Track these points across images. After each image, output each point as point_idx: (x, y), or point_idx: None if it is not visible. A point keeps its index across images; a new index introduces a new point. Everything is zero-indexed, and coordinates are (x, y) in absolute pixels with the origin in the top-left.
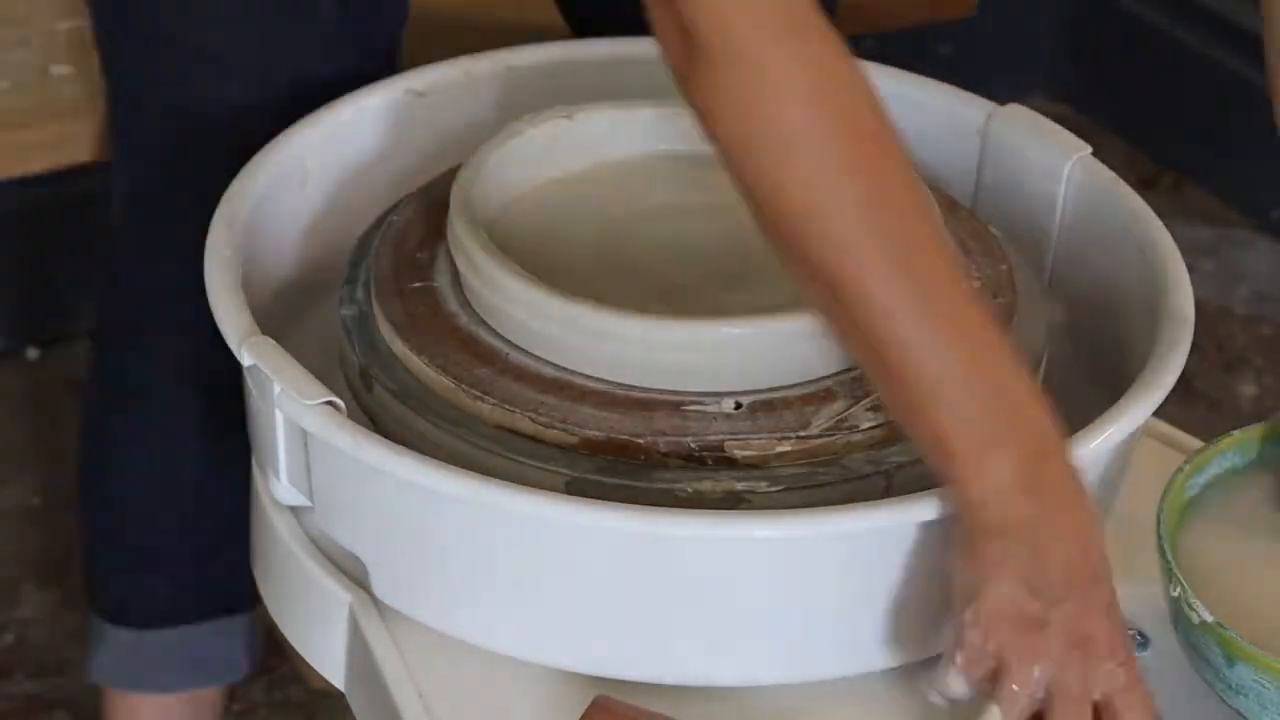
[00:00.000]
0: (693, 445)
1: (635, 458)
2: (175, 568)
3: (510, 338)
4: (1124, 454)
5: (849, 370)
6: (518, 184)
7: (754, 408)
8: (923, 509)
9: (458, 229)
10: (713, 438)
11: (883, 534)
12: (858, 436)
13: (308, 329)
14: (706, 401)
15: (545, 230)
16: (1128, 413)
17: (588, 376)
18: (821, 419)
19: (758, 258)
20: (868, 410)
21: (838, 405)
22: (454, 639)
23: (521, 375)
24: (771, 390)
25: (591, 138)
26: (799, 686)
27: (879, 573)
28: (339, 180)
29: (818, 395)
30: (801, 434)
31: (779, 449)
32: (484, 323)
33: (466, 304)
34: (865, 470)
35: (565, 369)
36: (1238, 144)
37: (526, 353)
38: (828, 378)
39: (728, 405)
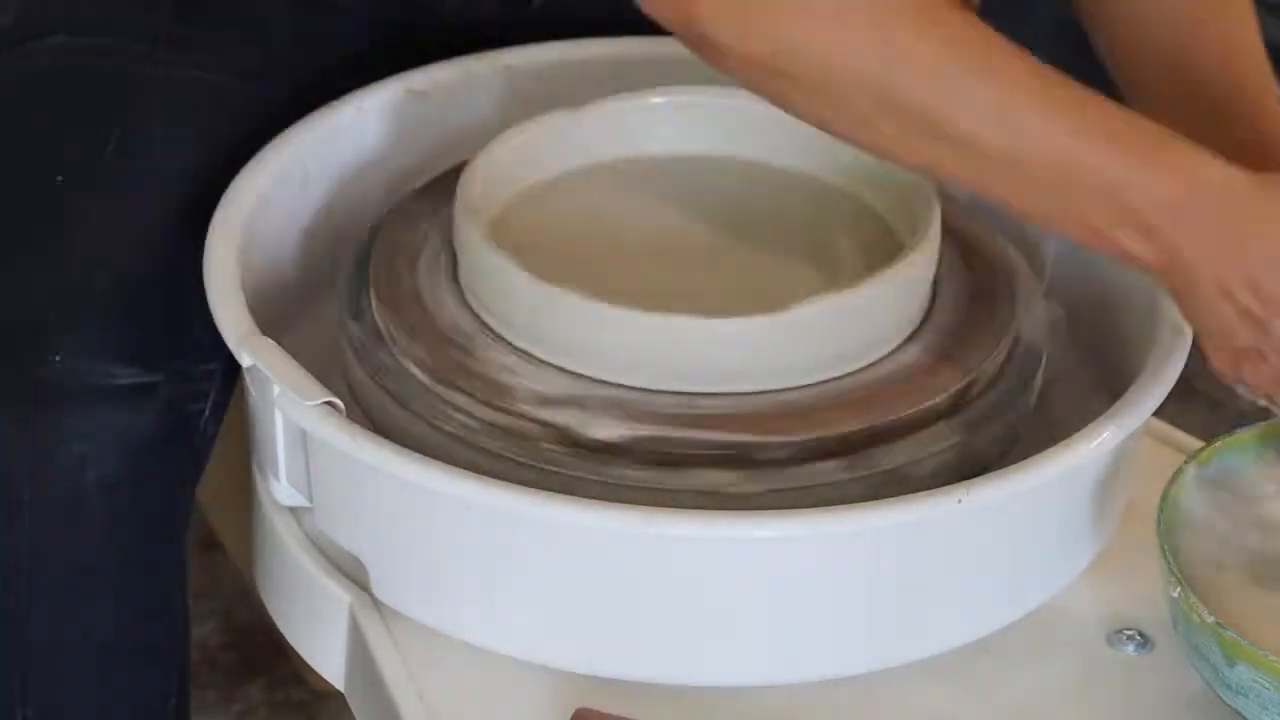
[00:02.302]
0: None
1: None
2: None
3: (512, 339)
4: (1124, 454)
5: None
6: (521, 181)
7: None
8: (922, 509)
9: (461, 227)
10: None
11: (882, 534)
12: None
13: (308, 329)
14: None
15: (548, 229)
16: (1128, 413)
17: (601, 381)
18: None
19: (760, 255)
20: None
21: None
22: (454, 639)
23: (524, 376)
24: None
25: (595, 135)
26: (799, 686)
27: (879, 572)
28: (339, 180)
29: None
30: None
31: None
32: (484, 323)
33: (467, 304)
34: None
35: (574, 372)
36: None
37: (530, 355)
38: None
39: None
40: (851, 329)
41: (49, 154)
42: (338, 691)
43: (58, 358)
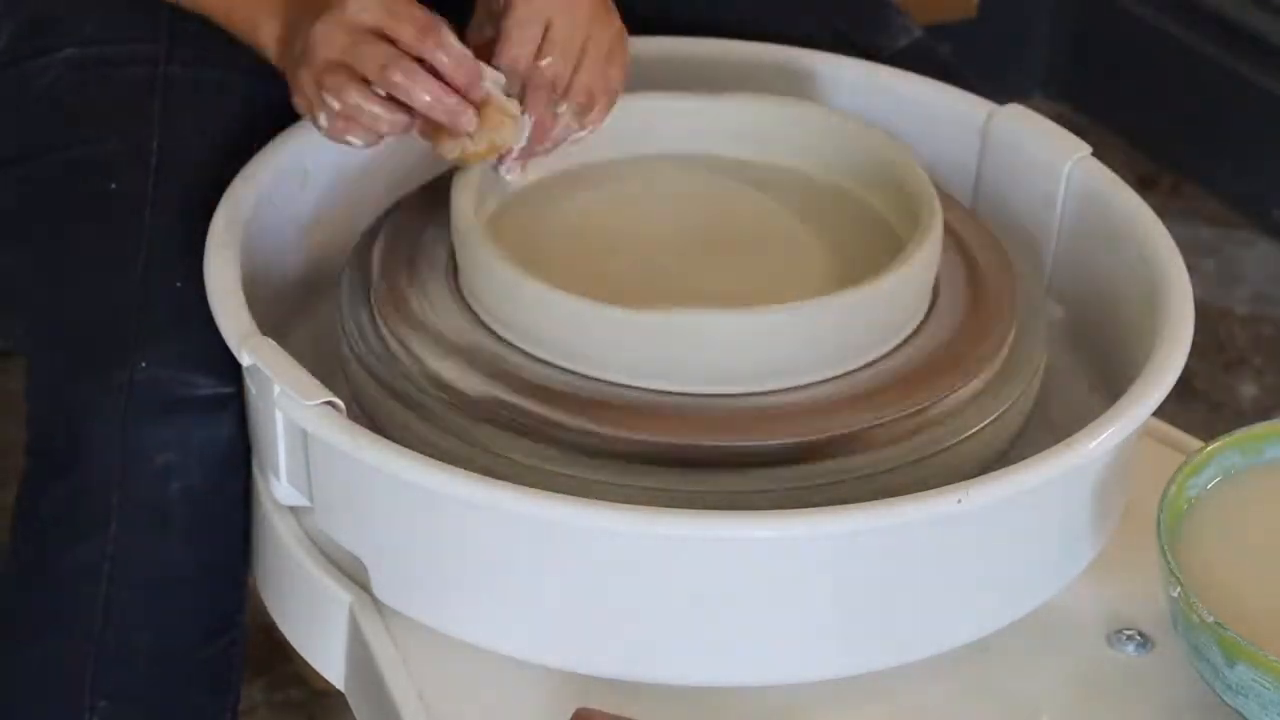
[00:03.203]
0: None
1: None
2: None
3: (510, 337)
4: (1124, 454)
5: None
6: (519, 181)
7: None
8: (922, 509)
9: (458, 227)
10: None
11: (882, 534)
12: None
13: (308, 329)
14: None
15: (546, 229)
16: (1128, 413)
17: (596, 380)
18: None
19: (761, 256)
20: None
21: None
22: (454, 639)
23: (522, 376)
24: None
25: (594, 135)
26: (799, 686)
27: (879, 572)
28: (339, 180)
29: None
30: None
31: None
32: (483, 323)
33: (466, 303)
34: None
35: (571, 370)
36: (1238, 144)
37: (528, 354)
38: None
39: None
40: (851, 330)
41: (94, 164)
42: (338, 691)
43: (144, 365)
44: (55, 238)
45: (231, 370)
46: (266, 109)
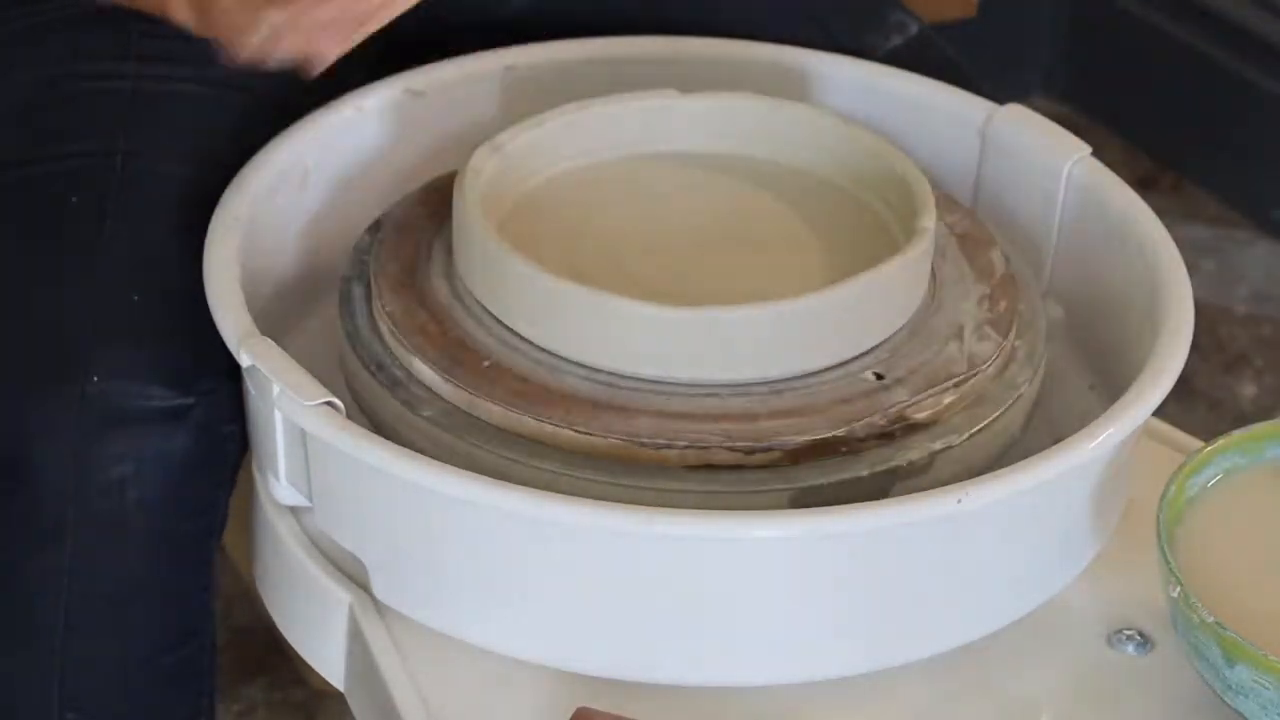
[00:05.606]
0: (881, 422)
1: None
2: None
3: (511, 335)
4: (1124, 454)
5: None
6: (522, 181)
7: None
8: (922, 509)
9: (462, 225)
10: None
11: (881, 534)
12: None
13: (308, 329)
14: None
15: (548, 227)
16: (1128, 413)
17: (603, 379)
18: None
19: (760, 253)
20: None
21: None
22: (454, 639)
23: (526, 374)
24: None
25: (596, 134)
26: (799, 686)
27: (879, 572)
28: (339, 180)
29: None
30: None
31: (946, 400)
32: (483, 322)
33: (464, 302)
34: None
35: (582, 364)
36: (1238, 144)
37: (532, 354)
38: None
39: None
40: (846, 328)
41: (56, 178)
42: (338, 691)
43: (95, 378)
44: (12, 250)
45: (187, 381)
46: (234, 122)
